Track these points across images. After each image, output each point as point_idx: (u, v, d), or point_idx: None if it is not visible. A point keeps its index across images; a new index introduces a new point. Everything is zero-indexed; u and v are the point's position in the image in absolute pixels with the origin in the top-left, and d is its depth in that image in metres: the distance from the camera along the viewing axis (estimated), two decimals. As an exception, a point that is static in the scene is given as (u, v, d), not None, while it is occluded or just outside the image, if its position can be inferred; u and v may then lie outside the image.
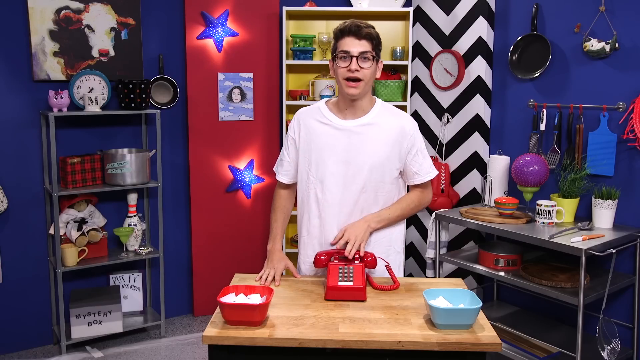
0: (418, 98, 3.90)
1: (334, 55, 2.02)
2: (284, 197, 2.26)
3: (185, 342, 3.60)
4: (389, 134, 2.06)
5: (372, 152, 2.04)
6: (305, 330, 1.68)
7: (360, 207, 2.08)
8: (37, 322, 3.52)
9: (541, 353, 2.80)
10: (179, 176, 3.91)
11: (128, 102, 3.44)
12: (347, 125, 2.06)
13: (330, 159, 2.05)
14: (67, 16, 3.38)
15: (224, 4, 3.76)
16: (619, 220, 2.87)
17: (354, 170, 2.05)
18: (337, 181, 2.06)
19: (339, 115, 2.08)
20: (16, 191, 3.38)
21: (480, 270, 2.99)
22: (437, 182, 3.64)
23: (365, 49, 1.97)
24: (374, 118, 2.06)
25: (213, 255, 3.94)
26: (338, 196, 2.07)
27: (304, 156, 2.11)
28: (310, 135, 2.10)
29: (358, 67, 1.96)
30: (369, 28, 1.98)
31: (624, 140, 2.83)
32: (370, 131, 2.05)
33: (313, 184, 2.09)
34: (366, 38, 1.97)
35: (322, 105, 2.13)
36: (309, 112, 2.14)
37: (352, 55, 1.96)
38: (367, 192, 2.07)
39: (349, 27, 1.97)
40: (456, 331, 1.68)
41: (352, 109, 2.06)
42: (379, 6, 3.80)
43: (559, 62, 3.11)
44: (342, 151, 2.05)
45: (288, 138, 2.18)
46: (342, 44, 1.98)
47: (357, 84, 1.98)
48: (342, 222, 2.08)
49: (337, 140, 2.05)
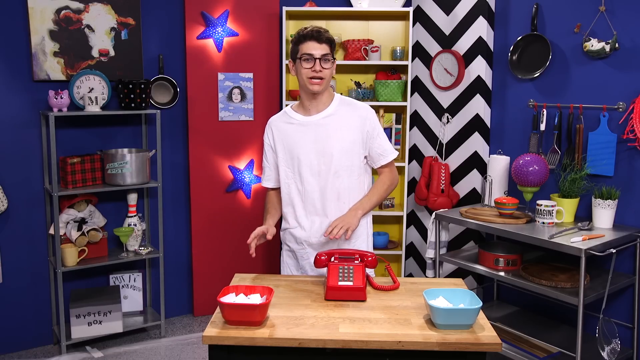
0: (418, 98, 3.90)
1: (296, 58, 2.24)
2: (275, 195, 2.46)
3: (185, 342, 3.60)
4: (350, 122, 2.28)
5: (338, 138, 2.26)
6: (305, 330, 1.68)
7: (336, 192, 2.28)
8: (37, 322, 3.52)
9: (541, 353, 2.80)
10: (179, 176, 3.91)
11: (128, 102, 3.44)
12: (312, 119, 2.29)
13: (302, 153, 2.27)
14: (67, 16, 3.38)
15: (224, 4, 3.76)
16: (619, 220, 2.87)
17: (325, 158, 2.26)
18: (312, 171, 2.27)
19: (303, 113, 2.32)
20: (16, 191, 3.38)
21: (480, 270, 2.99)
22: (437, 182, 3.64)
23: (325, 51, 2.21)
24: (335, 109, 2.29)
25: (213, 255, 3.94)
26: (316, 184, 2.28)
27: (281, 157, 2.33)
28: (281, 136, 2.33)
29: (321, 67, 2.20)
30: (327, 33, 2.23)
31: (624, 140, 2.83)
32: (333, 121, 2.27)
33: (292, 178, 2.32)
34: (326, 42, 2.21)
35: (288, 109, 2.37)
36: (277, 117, 2.38)
37: (315, 57, 2.20)
38: (341, 177, 2.27)
39: (311, 32, 2.20)
40: (456, 331, 1.69)
41: (315, 104, 2.28)
42: (379, 6, 3.80)
43: (559, 62, 3.12)
44: (312, 142, 2.27)
45: (265, 145, 2.40)
46: (304, 48, 2.21)
47: (320, 81, 2.21)
48: (323, 208, 2.29)
49: (305, 135, 2.28)
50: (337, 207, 2.28)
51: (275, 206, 2.44)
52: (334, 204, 2.28)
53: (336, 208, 2.28)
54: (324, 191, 2.27)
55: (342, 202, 2.29)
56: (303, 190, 2.30)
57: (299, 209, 2.32)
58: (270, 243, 4.10)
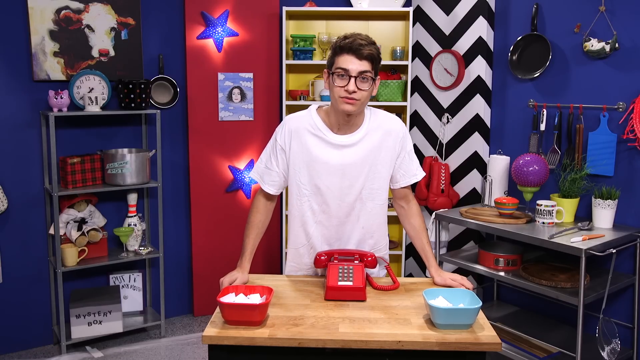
0: (418, 98, 3.90)
1: (332, 72, 1.92)
2: (263, 210, 2.13)
3: (185, 342, 3.60)
4: (382, 141, 2.03)
5: (366, 163, 2.02)
6: (305, 330, 1.68)
7: (356, 215, 2.08)
8: (37, 322, 3.52)
9: (541, 353, 2.80)
10: (179, 176, 3.91)
11: (128, 102, 3.44)
12: (341, 140, 2.00)
13: (324, 172, 2.02)
14: (67, 16, 3.38)
15: (224, 4, 3.76)
16: (619, 220, 2.87)
17: (349, 181, 2.03)
18: (333, 194, 2.04)
19: (331, 128, 2.01)
20: (16, 191, 3.38)
21: (480, 270, 2.99)
22: (437, 182, 3.64)
23: (365, 68, 1.88)
24: (367, 130, 2.02)
25: (213, 255, 3.94)
26: (334, 207, 2.05)
27: (295, 168, 2.04)
28: (302, 146, 2.02)
29: (356, 88, 1.88)
30: (370, 47, 1.89)
31: (624, 140, 2.83)
32: (363, 144, 2.01)
33: (307, 196, 2.06)
34: (367, 59, 1.88)
35: (314, 115, 2.03)
36: (300, 122, 2.03)
37: (350, 75, 1.87)
38: (362, 200, 2.06)
39: (350, 44, 1.87)
40: (456, 331, 1.68)
41: (346, 125, 1.99)
42: (379, 6, 3.80)
43: (559, 62, 3.11)
44: (337, 164, 2.01)
45: (276, 146, 2.06)
46: (340, 61, 1.89)
47: (353, 102, 1.89)
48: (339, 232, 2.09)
49: (330, 154, 2.01)
50: (356, 230, 2.09)
51: (259, 229, 2.13)
52: (352, 227, 2.08)
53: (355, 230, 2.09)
54: (343, 215, 2.06)
55: (361, 226, 2.09)
56: (319, 211, 2.06)
57: (312, 230, 2.09)
58: (271, 243, 4.10)
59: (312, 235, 2.10)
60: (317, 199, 2.05)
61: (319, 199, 2.05)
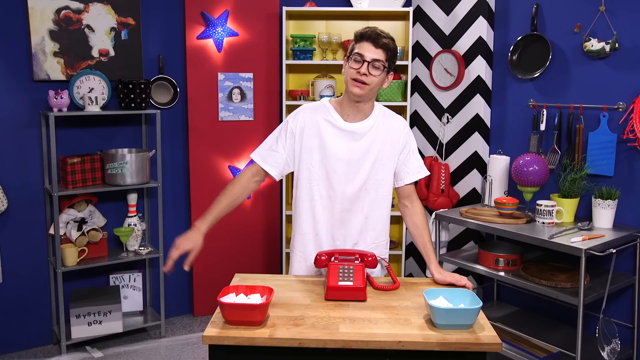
0: (418, 98, 3.90)
1: (349, 56, 2.07)
2: (244, 184, 2.15)
3: (185, 342, 3.60)
4: (387, 134, 2.14)
5: (373, 152, 2.12)
6: (306, 330, 1.68)
7: (360, 204, 2.14)
8: (37, 322, 3.52)
9: (541, 353, 2.80)
10: (179, 176, 3.91)
11: (128, 102, 3.44)
12: (350, 127, 2.12)
13: (333, 156, 2.11)
14: (67, 16, 3.38)
15: (224, 4, 3.76)
16: (619, 220, 2.87)
17: (355, 167, 2.12)
18: (339, 179, 2.12)
19: (342, 115, 2.13)
20: (16, 191, 3.38)
21: (480, 270, 2.99)
22: (437, 182, 3.64)
23: (379, 57, 2.01)
24: (374, 121, 2.14)
25: (213, 255, 3.94)
26: (340, 193, 2.13)
27: (308, 152, 2.12)
28: (316, 131, 2.12)
29: (367, 72, 2.01)
30: (387, 39, 2.03)
31: (624, 140, 2.83)
32: (371, 133, 2.12)
33: (316, 180, 2.13)
34: (382, 47, 2.02)
35: (327, 103, 2.16)
36: (315, 108, 2.16)
37: (364, 59, 2.01)
38: (367, 190, 2.14)
39: (369, 33, 2.03)
40: (456, 331, 1.68)
41: (355, 111, 2.11)
42: (379, 6, 3.80)
43: (559, 62, 3.12)
44: (345, 150, 2.11)
45: (287, 128, 2.14)
46: (358, 47, 2.04)
47: (362, 85, 2.02)
48: (343, 220, 2.15)
49: (339, 140, 2.11)
50: (359, 219, 2.15)
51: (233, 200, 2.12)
52: (356, 216, 2.15)
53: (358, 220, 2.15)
54: (347, 201, 2.13)
55: (365, 215, 2.15)
56: (326, 196, 2.13)
57: (319, 214, 2.15)
58: (271, 243, 4.10)
59: (318, 220, 2.16)
60: (324, 183, 2.14)
61: (326, 184, 2.13)
